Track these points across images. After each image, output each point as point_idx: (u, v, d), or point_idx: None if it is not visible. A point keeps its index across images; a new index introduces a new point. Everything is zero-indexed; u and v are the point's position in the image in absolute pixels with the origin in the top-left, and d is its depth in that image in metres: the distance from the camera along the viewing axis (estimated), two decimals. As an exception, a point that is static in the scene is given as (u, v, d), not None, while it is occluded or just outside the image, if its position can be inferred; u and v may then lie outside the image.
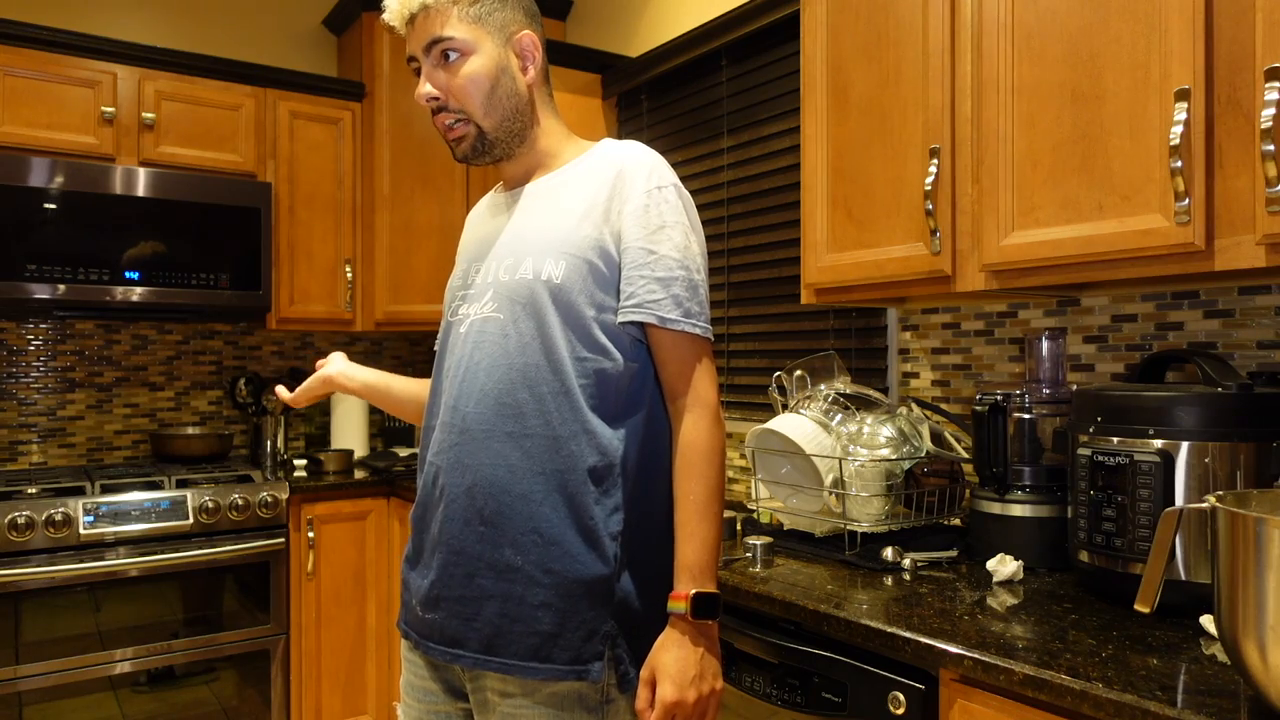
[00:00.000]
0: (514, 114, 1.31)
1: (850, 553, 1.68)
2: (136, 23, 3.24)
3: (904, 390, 2.16)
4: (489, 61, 1.28)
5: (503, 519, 1.21)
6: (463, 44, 1.26)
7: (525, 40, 1.31)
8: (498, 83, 1.28)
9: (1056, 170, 1.44)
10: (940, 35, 1.62)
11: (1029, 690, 1.09)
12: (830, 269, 1.85)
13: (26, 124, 2.68)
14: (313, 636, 2.86)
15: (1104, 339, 1.77)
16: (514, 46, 1.31)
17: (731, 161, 2.65)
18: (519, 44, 1.31)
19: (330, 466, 3.06)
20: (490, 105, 1.28)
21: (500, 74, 1.29)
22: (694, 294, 1.23)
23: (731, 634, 1.55)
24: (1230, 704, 0.97)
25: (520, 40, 1.31)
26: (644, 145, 1.30)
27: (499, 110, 1.29)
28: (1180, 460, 1.30)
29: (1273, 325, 1.53)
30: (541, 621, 1.18)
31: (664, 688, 1.14)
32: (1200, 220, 1.26)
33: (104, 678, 2.48)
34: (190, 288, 2.86)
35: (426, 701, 1.30)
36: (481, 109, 1.28)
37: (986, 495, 1.64)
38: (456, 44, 1.26)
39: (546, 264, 1.23)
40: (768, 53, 2.52)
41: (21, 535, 2.37)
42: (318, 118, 3.19)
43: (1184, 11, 1.27)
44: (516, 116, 1.31)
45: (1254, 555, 0.91)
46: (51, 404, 3.07)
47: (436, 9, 1.27)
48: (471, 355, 1.26)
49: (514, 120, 1.31)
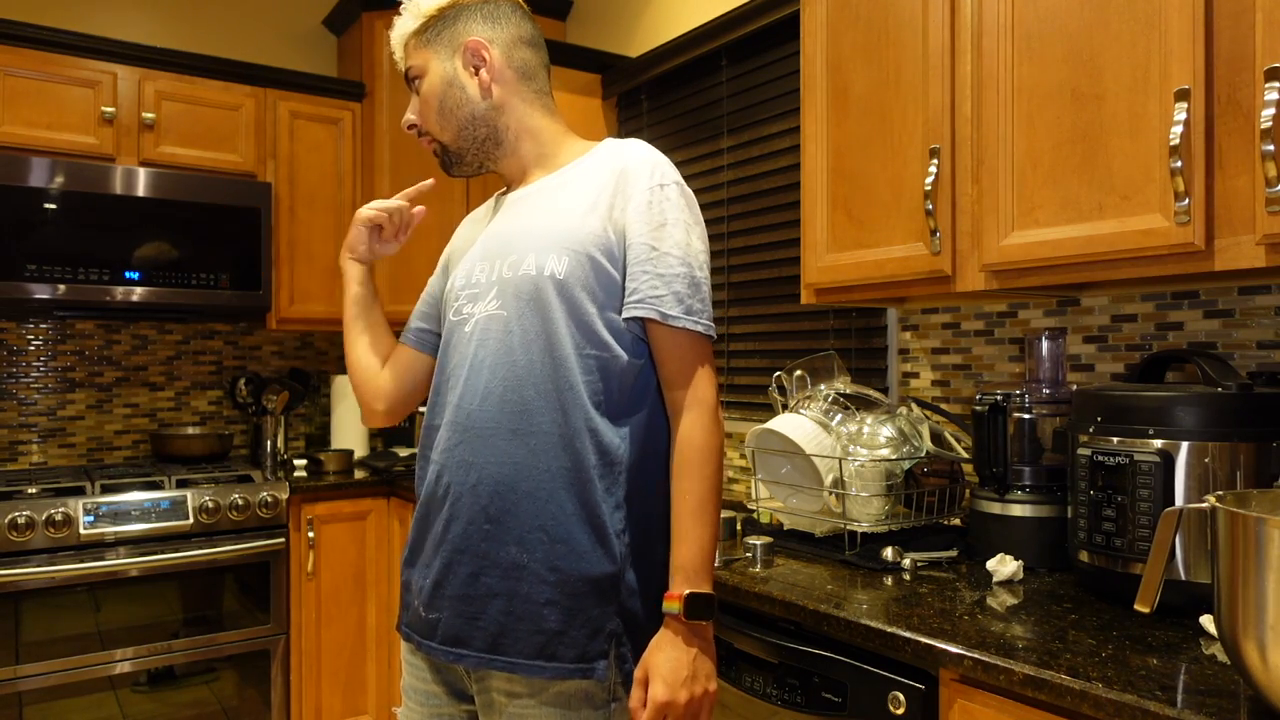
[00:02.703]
0: (470, 122, 1.35)
1: (850, 553, 1.68)
2: (136, 23, 3.24)
3: (904, 390, 2.16)
4: (435, 79, 1.35)
5: (509, 517, 1.21)
6: (418, 69, 1.37)
7: (470, 45, 1.33)
8: (445, 95, 1.34)
9: (1056, 170, 1.44)
10: (940, 35, 1.62)
11: (1029, 690, 1.09)
12: (830, 269, 1.85)
13: (27, 124, 2.68)
14: (313, 636, 2.86)
15: (1104, 339, 1.77)
16: (461, 57, 1.34)
17: (731, 161, 2.65)
18: (465, 51, 1.34)
19: (330, 466, 3.06)
20: (443, 120, 1.36)
21: (446, 87, 1.34)
22: (696, 291, 1.23)
23: (731, 634, 1.55)
24: (1230, 704, 0.97)
25: (466, 47, 1.33)
26: (647, 144, 1.30)
27: (453, 122, 1.35)
28: (1180, 460, 1.30)
29: (1273, 325, 1.53)
30: (547, 620, 1.18)
31: (656, 688, 1.14)
32: (1200, 220, 1.26)
33: (104, 678, 2.48)
34: (190, 288, 2.86)
35: (429, 705, 1.30)
36: (437, 125, 1.37)
37: (986, 495, 1.64)
38: (414, 71, 1.37)
39: (549, 259, 1.23)
40: (768, 53, 2.52)
41: (21, 535, 2.37)
42: (318, 118, 3.19)
43: (1184, 11, 1.27)
44: (475, 124, 1.35)
45: (1254, 555, 0.91)
46: (51, 404, 3.07)
47: (400, 44, 1.39)
48: (475, 353, 1.26)
49: (473, 128, 1.35)
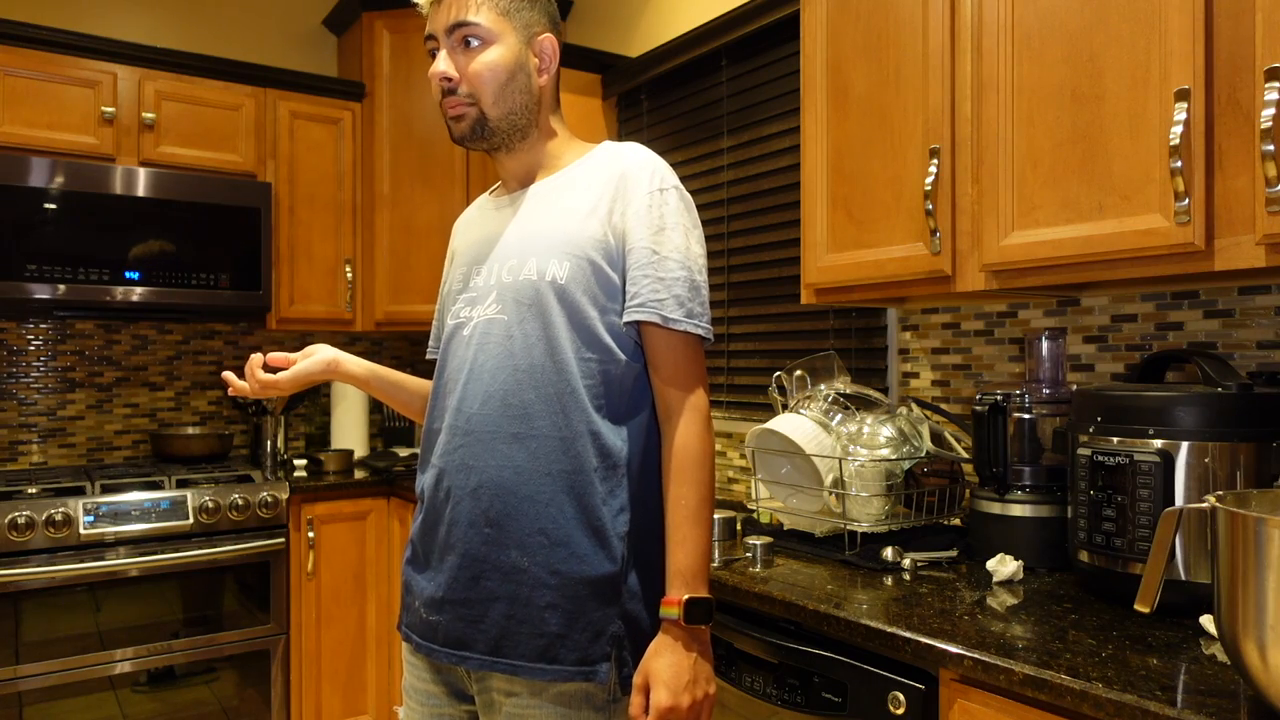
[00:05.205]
0: (521, 110, 1.31)
1: (850, 553, 1.68)
2: (136, 23, 3.24)
3: (904, 390, 2.16)
4: (509, 54, 1.29)
5: (509, 520, 1.21)
6: (487, 32, 1.27)
7: (546, 43, 1.33)
8: (514, 77, 1.29)
9: (1056, 170, 1.44)
10: (940, 35, 1.62)
11: (1029, 690, 1.09)
12: (830, 269, 1.85)
13: (27, 124, 2.68)
14: (313, 636, 2.86)
15: (1104, 339, 1.76)
16: (534, 47, 1.32)
17: (731, 161, 2.65)
18: (540, 45, 1.32)
19: (330, 466, 3.06)
20: (501, 96, 1.29)
21: (518, 69, 1.30)
22: (695, 294, 1.23)
23: (731, 634, 1.55)
24: (1230, 704, 0.97)
25: (541, 42, 1.32)
26: (645, 147, 1.31)
27: (508, 103, 1.30)
28: (1180, 460, 1.30)
29: (1273, 325, 1.53)
30: (548, 623, 1.18)
31: (658, 693, 1.14)
32: (1200, 220, 1.26)
33: (104, 678, 2.48)
34: (190, 288, 2.86)
35: (429, 705, 1.30)
36: (492, 97, 1.29)
37: (986, 495, 1.64)
38: (481, 31, 1.27)
39: (551, 264, 1.23)
40: (768, 53, 2.52)
41: (22, 535, 2.37)
42: (318, 118, 3.19)
43: (1184, 11, 1.27)
44: (523, 113, 1.32)
45: (1254, 555, 0.91)
46: (52, 404, 3.07)
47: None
48: (476, 357, 1.26)
49: (520, 115, 1.32)
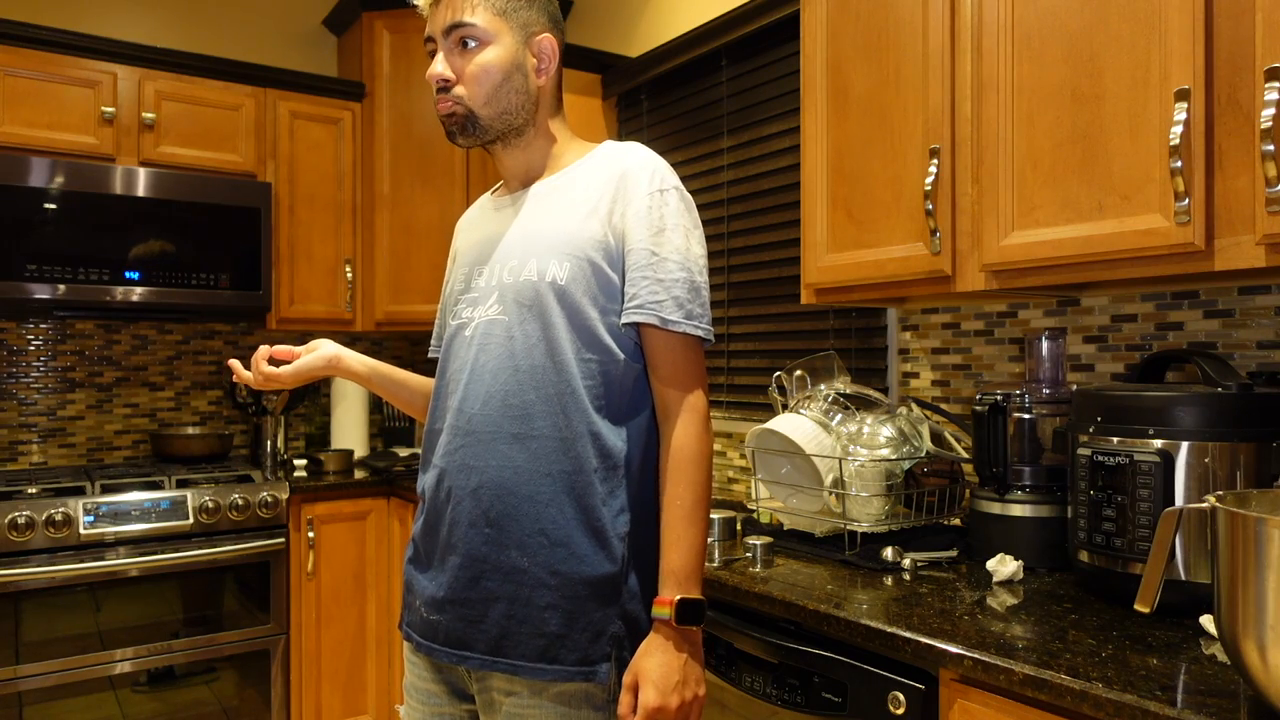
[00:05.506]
0: (516, 109, 1.31)
1: (850, 553, 1.68)
2: (136, 23, 3.24)
3: (904, 390, 2.16)
4: (506, 55, 1.28)
5: (509, 521, 1.21)
6: (483, 33, 1.27)
7: (546, 43, 1.32)
8: (509, 77, 1.29)
9: (1056, 170, 1.44)
10: (940, 35, 1.62)
11: (1029, 690, 1.09)
12: (830, 269, 1.85)
13: (26, 124, 2.68)
14: (313, 636, 2.86)
15: (1104, 339, 1.76)
16: (533, 47, 1.31)
17: (731, 161, 2.65)
18: (538, 45, 1.31)
19: (330, 466, 3.06)
20: (495, 97, 1.28)
21: (514, 69, 1.29)
22: (695, 296, 1.23)
23: (731, 634, 1.55)
24: (1230, 704, 0.97)
25: (540, 42, 1.32)
26: (645, 147, 1.30)
27: (501, 103, 1.29)
28: (1180, 460, 1.30)
29: (1273, 325, 1.53)
30: (548, 623, 1.19)
31: (647, 693, 1.14)
32: (1200, 220, 1.26)
33: (104, 678, 2.48)
34: (190, 288, 2.86)
35: (430, 704, 1.30)
36: (485, 98, 1.28)
37: (986, 495, 1.64)
38: (477, 32, 1.27)
39: (551, 265, 1.23)
40: (768, 53, 2.52)
41: (21, 535, 2.37)
42: (318, 118, 3.19)
43: (1184, 11, 1.27)
44: (518, 113, 1.31)
45: (1254, 555, 0.91)
46: (51, 404, 3.07)
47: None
48: (477, 358, 1.26)
49: (515, 115, 1.31)
